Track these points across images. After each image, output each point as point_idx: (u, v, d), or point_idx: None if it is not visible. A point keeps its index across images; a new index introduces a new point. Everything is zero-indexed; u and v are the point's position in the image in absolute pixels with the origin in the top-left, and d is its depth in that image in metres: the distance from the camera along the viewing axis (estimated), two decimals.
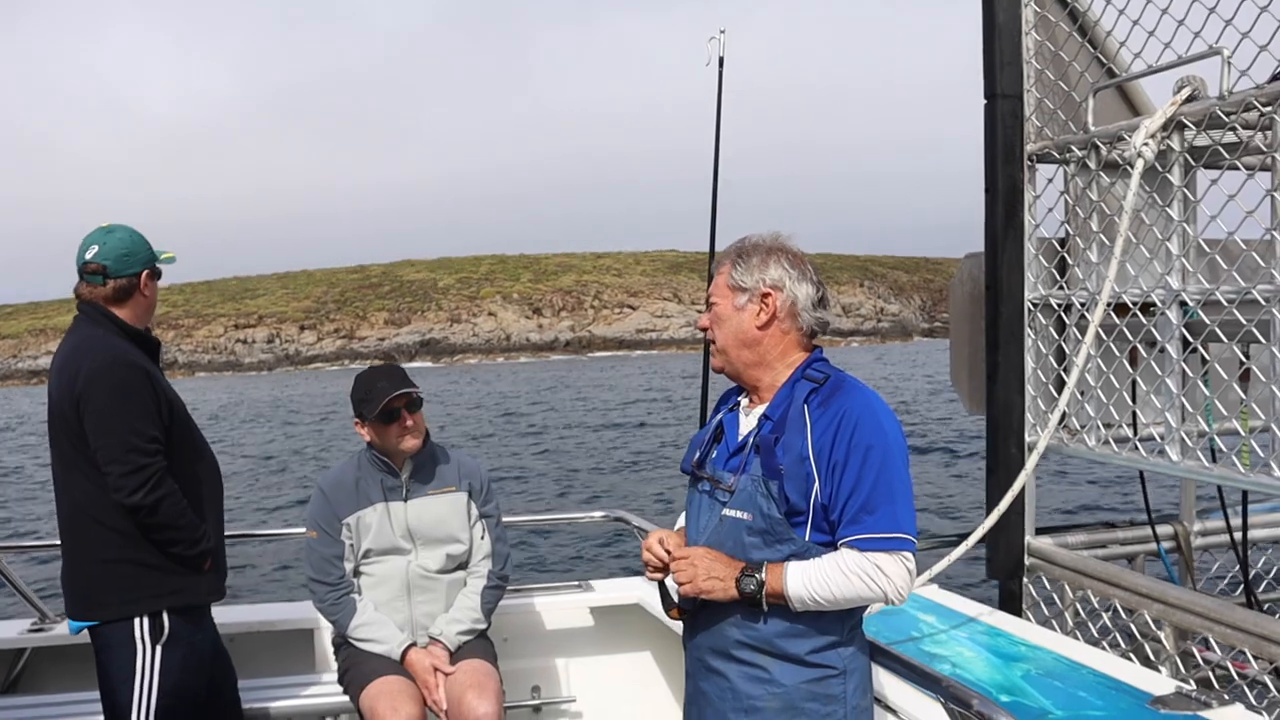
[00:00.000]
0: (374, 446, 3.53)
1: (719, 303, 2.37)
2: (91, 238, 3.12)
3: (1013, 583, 4.33)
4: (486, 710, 3.28)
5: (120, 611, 3.00)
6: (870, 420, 2.17)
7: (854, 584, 2.12)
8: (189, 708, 3.12)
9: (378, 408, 3.39)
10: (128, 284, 3.11)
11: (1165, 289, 3.64)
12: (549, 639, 4.33)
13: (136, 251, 3.13)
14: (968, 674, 3.14)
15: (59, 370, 3.04)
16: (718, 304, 2.38)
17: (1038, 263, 4.25)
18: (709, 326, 2.40)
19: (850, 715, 2.23)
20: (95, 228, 3.17)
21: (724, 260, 2.41)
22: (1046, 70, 4.20)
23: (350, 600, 3.48)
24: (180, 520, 3.01)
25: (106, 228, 3.15)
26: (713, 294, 2.40)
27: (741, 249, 2.38)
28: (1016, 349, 4.25)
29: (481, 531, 3.64)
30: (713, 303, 2.40)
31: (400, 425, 3.44)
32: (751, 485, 2.22)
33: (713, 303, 2.40)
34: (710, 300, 2.41)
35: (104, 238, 3.11)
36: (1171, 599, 3.71)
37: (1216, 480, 3.61)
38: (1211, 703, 2.81)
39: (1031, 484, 4.23)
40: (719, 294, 2.38)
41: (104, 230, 3.14)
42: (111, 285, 3.08)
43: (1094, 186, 4.03)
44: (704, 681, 2.33)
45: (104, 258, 3.07)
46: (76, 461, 3.00)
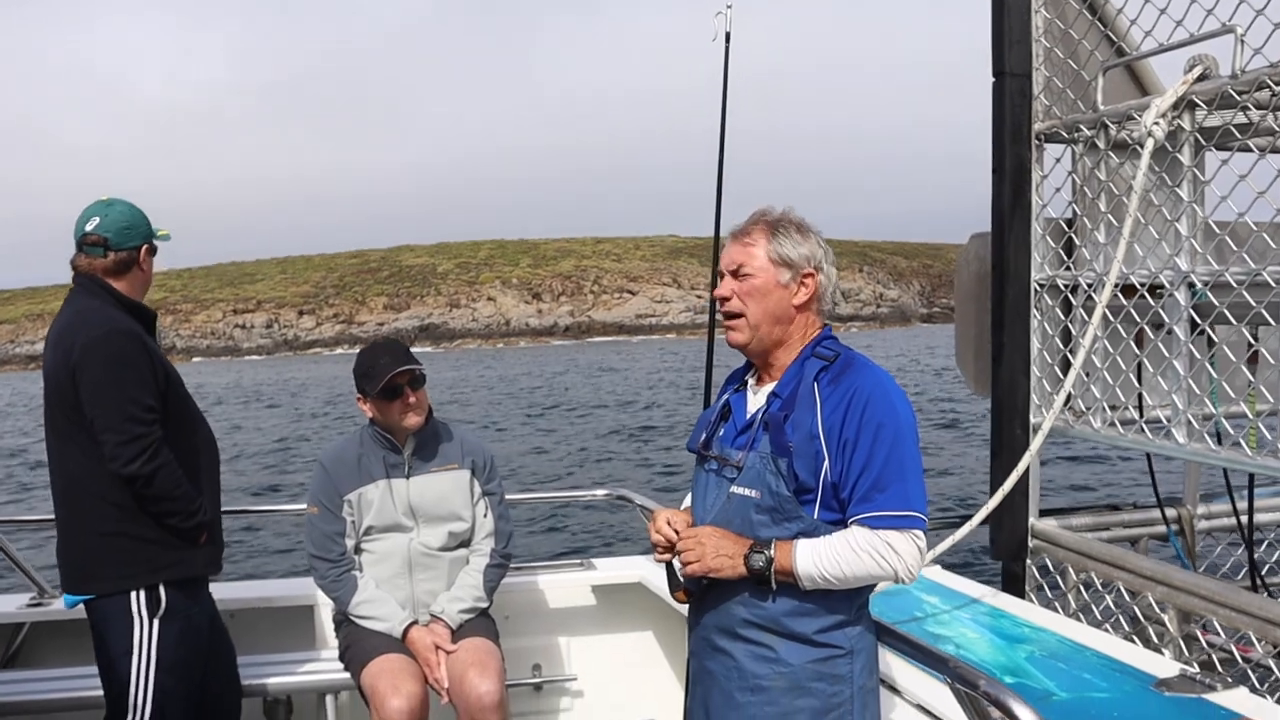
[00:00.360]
0: (376, 423, 3.51)
1: (758, 276, 2.25)
2: (92, 210, 3.12)
3: (1016, 564, 4.32)
4: (488, 689, 3.27)
5: (116, 585, 2.99)
6: (882, 398, 2.15)
7: (865, 562, 2.10)
8: (187, 682, 3.12)
9: (380, 384, 3.37)
10: (128, 257, 3.11)
11: (1173, 270, 3.61)
12: (551, 617, 4.32)
13: (137, 225, 3.14)
14: (971, 655, 3.13)
15: (55, 341, 3.03)
16: (756, 277, 2.25)
17: (1044, 243, 4.22)
18: (730, 297, 2.28)
19: (857, 695, 2.22)
20: (95, 201, 3.17)
21: (754, 229, 2.29)
22: (1055, 48, 4.15)
23: (351, 577, 3.46)
24: (176, 491, 3.00)
25: (106, 201, 3.15)
26: (745, 264, 2.27)
27: (776, 221, 2.29)
28: (1022, 330, 4.22)
29: (484, 509, 3.62)
30: (747, 274, 2.26)
31: (403, 402, 3.42)
32: (760, 462, 2.20)
33: (747, 274, 2.26)
34: (742, 271, 2.27)
35: (105, 210, 3.11)
36: (1176, 582, 3.70)
37: (1223, 463, 3.59)
38: (1216, 685, 2.80)
39: (1036, 465, 4.22)
40: (757, 266, 2.26)
41: (104, 203, 3.14)
42: (112, 257, 3.08)
43: (1102, 166, 4.00)
44: (709, 660, 2.31)
45: (105, 230, 3.07)
46: (72, 433, 2.99)
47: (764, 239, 2.27)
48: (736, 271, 2.28)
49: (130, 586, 3.00)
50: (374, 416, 3.50)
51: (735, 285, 2.28)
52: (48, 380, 3.03)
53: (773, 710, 2.20)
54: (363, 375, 3.44)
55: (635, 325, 79.80)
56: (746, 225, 2.31)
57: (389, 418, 3.45)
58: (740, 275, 2.28)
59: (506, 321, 79.95)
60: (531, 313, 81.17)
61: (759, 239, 2.27)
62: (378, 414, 3.47)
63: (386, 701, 3.19)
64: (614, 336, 77.13)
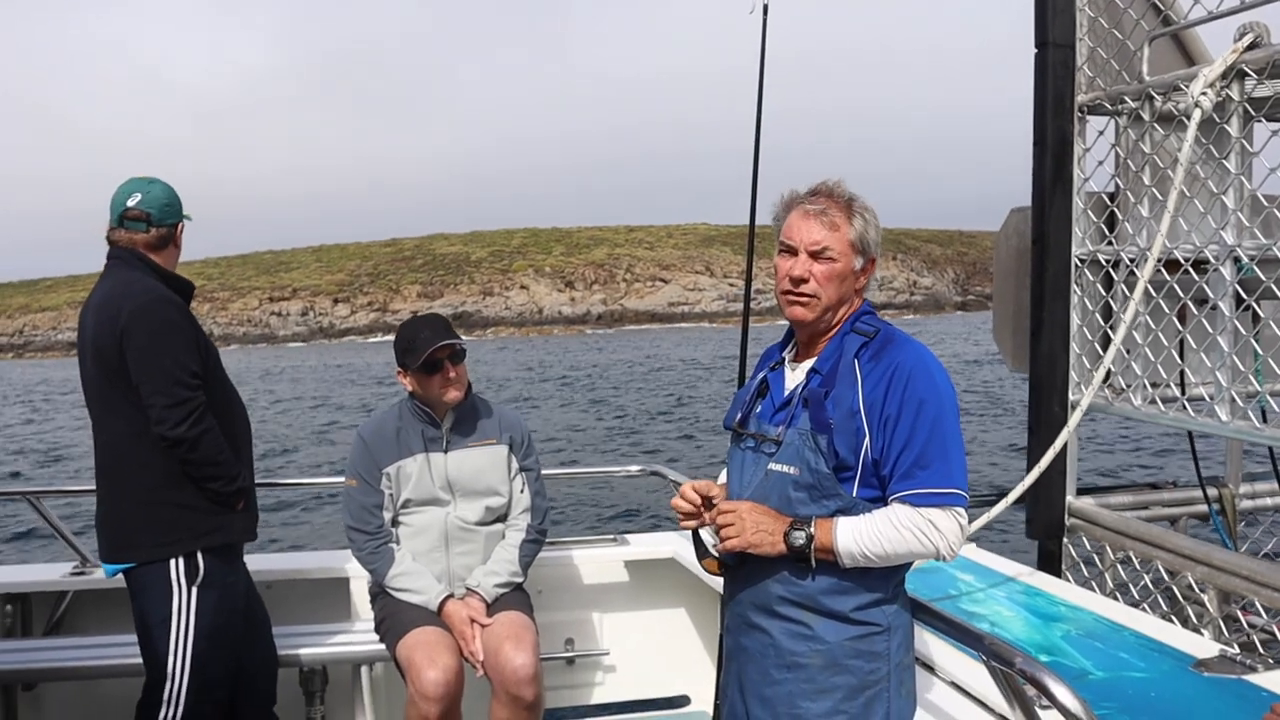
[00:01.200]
0: (416, 396, 3.53)
1: (840, 260, 2.20)
2: (132, 185, 3.20)
3: (1052, 543, 4.28)
4: (523, 662, 3.29)
5: (155, 553, 3.05)
6: (924, 374, 2.13)
7: (906, 539, 2.08)
8: (224, 649, 3.17)
9: (421, 358, 3.38)
10: (168, 233, 3.21)
11: (1219, 244, 3.53)
12: (584, 592, 4.34)
13: (175, 204, 3.24)
14: (1006, 633, 3.11)
15: (97, 308, 3.08)
16: (839, 261, 2.20)
17: (1086, 217, 4.15)
18: (808, 278, 2.21)
19: (893, 672, 2.21)
20: (132, 178, 3.24)
21: (833, 209, 2.22)
22: (1100, 18, 4.06)
23: (389, 549, 3.49)
24: (220, 456, 3.06)
25: (147, 179, 3.24)
26: (831, 246, 2.20)
27: (851, 201, 2.24)
28: (1062, 305, 4.16)
29: (521, 485, 3.64)
30: (831, 258, 2.20)
31: (443, 376, 3.44)
32: (799, 439, 2.18)
33: (831, 258, 2.20)
34: (826, 254, 2.20)
35: (147, 187, 3.20)
36: (1216, 561, 3.64)
37: (1267, 441, 3.53)
38: (1256, 666, 2.76)
39: (1074, 443, 4.16)
40: (841, 251, 2.21)
41: (145, 180, 3.23)
42: (154, 233, 3.17)
43: (1147, 139, 3.92)
44: (744, 637, 2.31)
45: (149, 205, 3.16)
46: (114, 401, 3.04)
47: (845, 220, 2.22)
48: (818, 253, 2.21)
49: (168, 554, 3.05)
50: (414, 390, 3.52)
51: (815, 267, 2.21)
52: (87, 349, 3.09)
53: (809, 687, 2.19)
54: (404, 350, 3.46)
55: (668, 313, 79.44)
56: (822, 202, 2.23)
57: (429, 392, 3.47)
58: (822, 257, 2.21)
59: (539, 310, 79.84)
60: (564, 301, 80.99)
61: (841, 219, 2.21)
62: (418, 388, 3.49)
63: (423, 674, 3.22)
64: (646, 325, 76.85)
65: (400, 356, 3.48)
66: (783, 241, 2.26)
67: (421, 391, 3.49)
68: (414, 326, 3.51)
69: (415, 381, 3.48)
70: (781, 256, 2.26)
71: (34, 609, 4.06)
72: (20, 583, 4.03)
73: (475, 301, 79.04)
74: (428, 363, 3.40)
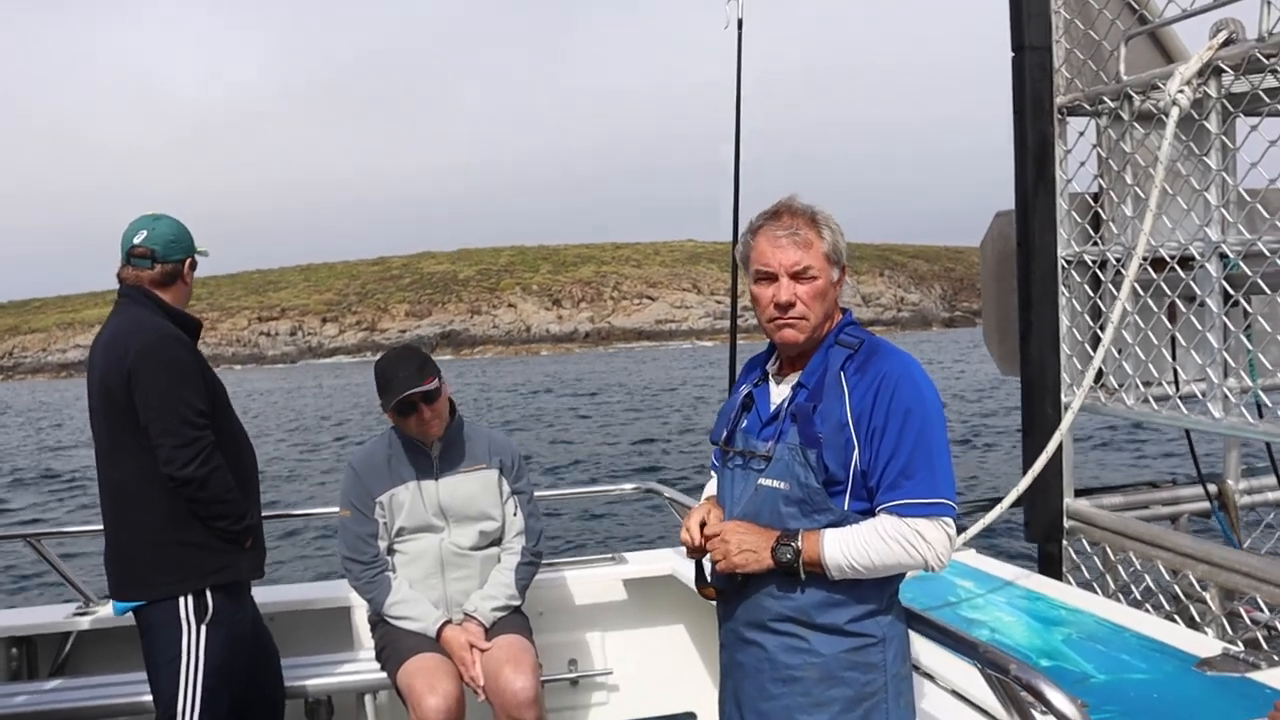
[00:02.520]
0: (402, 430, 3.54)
1: (820, 276, 2.20)
2: (139, 223, 3.23)
3: (1051, 545, 4.27)
4: (523, 685, 3.28)
5: (165, 591, 3.05)
6: (909, 384, 2.13)
7: (894, 550, 2.08)
8: (233, 685, 3.17)
9: (392, 401, 3.38)
10: (173, 269, 3.22)
11: (1204, 241, 3.54)
12: (584, 612, 4.33)
13: (181, 239, 3.26)
14: (1007, 639, 3.09)
15: (105, 347, 3.10)
16: (819, 278, 2.20)
17: (1070, 219, 4.15)
18: (795, 302, 2.19)
19: (890, 683, 2.20)
20: (141, 215, 3.28)
21: (804, 226, 2.21)
22: (1075, 19, 4.08)
23: (385, 578, 3.49)
24: (228, 495, 3.07)
25: (154, 215, 3.27)
26: (812, 265, 2.19)
27: (821, 215, 2.23)
28: (1050, 308, 4.17)
29: (514, 508, 3.63)
30: (813, 276, 2.19)
31: (418, 418, 3.43)
32: (789, 454, 2.17)
33: (813, 276, 2.19)
34: (807, 272, 2.19)
35: (153, 224, 3.23)
36: (1218, 559, 3.63)
37: (1262, 436, 3.52)
38: (1260, 664, 2.74)
39: (1069, 445, 4.16)
40: (819, 265, 2.20)
41: (152, 217, 3.26)
42: (159, 269, 3.19)
43: (1127, 138, 3.93)
44: (740, 653, 2.30)
45: (153, 242, 3.19)
46: (122, 439, 3.05)
47: (816, 236, 2.21)
48: (799, 273, 2.19)
49: (178, 592, 3.05)
50: (395, 425, 3.53)
51: (799, 289, 2.20)
52: (96, 387, 3.10)
53: (806, 700, 2.18)
54: (381, 389, 3.45)
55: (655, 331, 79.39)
56: (790, 221, 2.22)
57: (407, 431, 3.49)
58: (804, 277, 2.20)
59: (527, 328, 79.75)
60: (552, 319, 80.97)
61: (812, 236, 2.20)
62: (398, 423, 3.51)
63: (423, 700, 3.22)
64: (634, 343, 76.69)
65: (379, 393, 3.47)
66: (757, 270, 2.23)
67: (401, 426, 3.50)
68: (389, 365, 3.46)
69: (393, 418, 3.49)
70: (760, 285, 2.23)
71: (39, 651, 4.06)
72: (24, 625, 4.03)
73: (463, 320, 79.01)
74: (400, 407, 3.39)
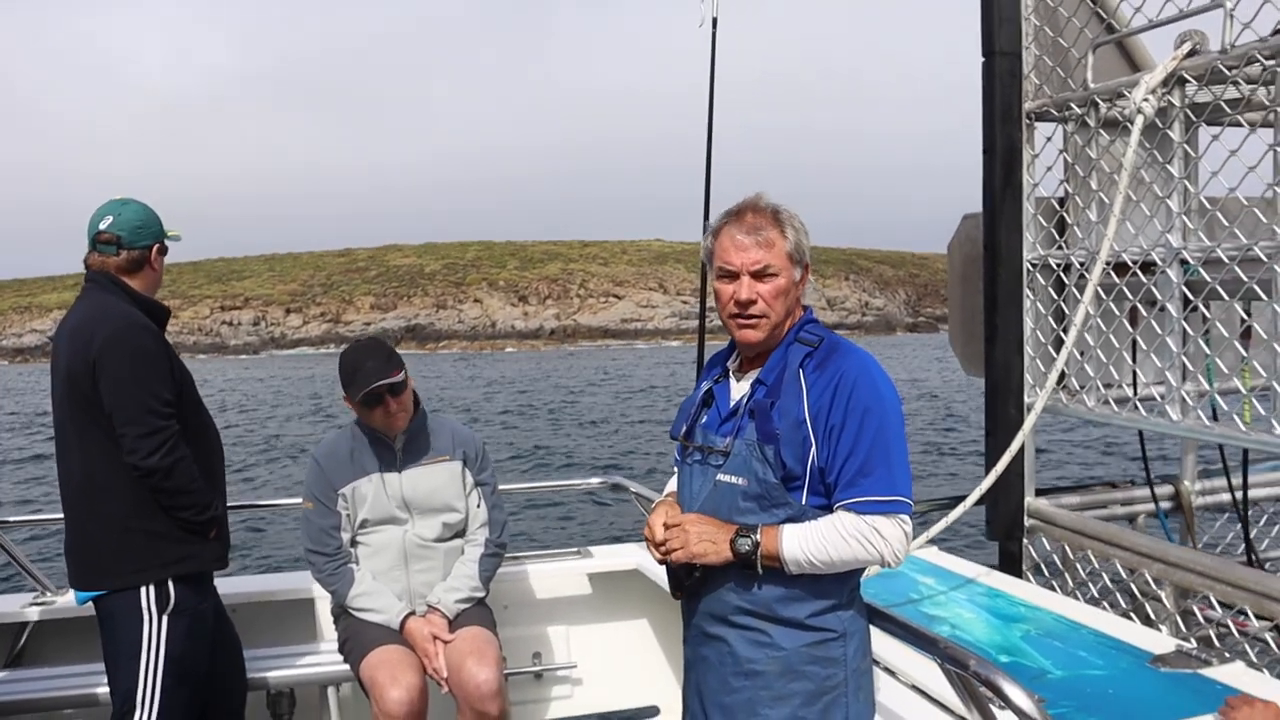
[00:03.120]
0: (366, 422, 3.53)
1: (782, 275, 2.20)
2: (106, 209, 3.17)
3: (1012, 544, 4.33)
4: (486, 677, 3.29)
5: (127, 580, 3.01)
6: (868, 382, 2.14)
7: (851, 547, 2.10)
8: (194, 676, 3.14)
9: (359, 394, 3.38)
10: (140, 255, 3.17)
11: (1165, 247, 3.60)
12: (549, 606, 4.33)
13: (149, 225, 3.20)
14: (967, 635, 3.13)
15: (70, 335, 3.05)
16: (780, 277, 2.19)
17: (1036, 223, 4.21)
18: (756, 300, 2.19)
19: (850, 678, 2.22)
20: (109, 199, 3.23)
21: (766, 225, 2.21)
22: (1045, 26, 4.14)
23: (348, 570, 3.47)
24: (192, 485, 3.04)
25: (121, 200, 3.21)
26: (772, 263, 2.19)
27: (785, 214, 2.23)
28: (1015, 310, 4.22)
29: (477, 500, 3.63)
30: (773, 274, 2.19)
31: (384, 410, 3.43)
32: (746, 450, 2.19)
33: (773, 274, 2.19)
34: (767, 271, 2.19)
35: (119, 209, 3.17)
36: (1172, 558, 3.70)
37: (1217, 439, 3.59)
38: (1212, 660, 2.80)
39: (1031, 445, 4.22)
40: (781, 264, 2.20)
41: (119, 202, 3.20)
42: (125, 255, 3.14)
43: (1093, 144, 3.99)
44: (703, 647, 2.32)
45: (119, 228, 3.13)
46: (86, 428, 3.01)
47: (779, 235, 2.21)
48: (760, 272, 2.20)
49: (140, 582, 3.02)
50: (359, 417, 3.52)
51: (760, 287, 2.20)
52: (60, 375, 3.05)
53: (767, 694, 2.20)
54: (346, 380, 3.44)
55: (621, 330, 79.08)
56: (753, 220, 2.22)
57: (372, 423, 3.48)
58: (765, 275, 2.21)
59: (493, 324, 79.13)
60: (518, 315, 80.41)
61: (774, 235, 2.20)
62: (362, 415, 3.50)
63: (386, 693, 3.21)
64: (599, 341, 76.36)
65: (343, 384, 3.46)
66: (720, 267, 2.24)
67: (365, 419, 3.49)
68: (356, 356, 3.46)
69: (359, 410, 3.48)
70: (721, 282, 2.24)
71: None
72: None
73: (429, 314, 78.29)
74: (366, 399, 3.39)
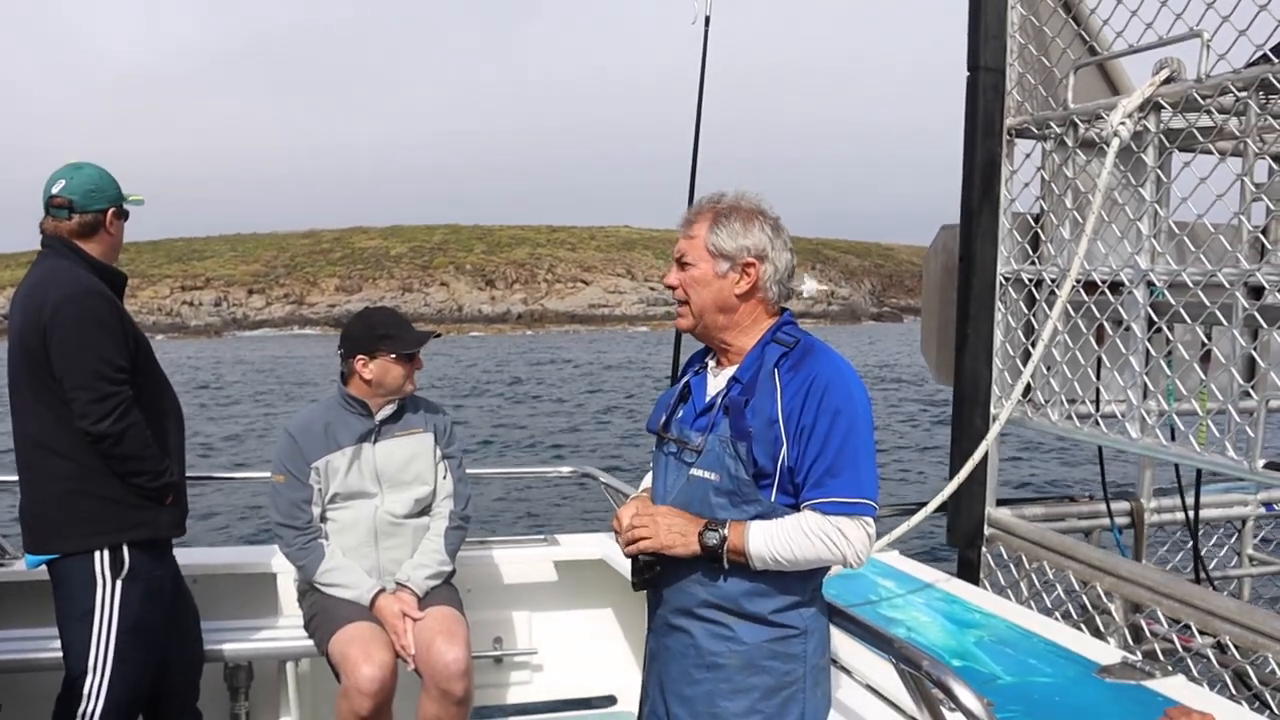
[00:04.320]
0: (351, 391, 3.54)
1: (697, 266, 2.30)
2: (59, 173, 3.14)
3: (971, 551, 4.40)
4: (456, 656, 3.32)
5: (80, 544, 3.01)
6: (840, 385, 2.20)
7: (815, 545, 2.15)
8: (148, 644, 3.14)
9: (411, 346, 3.49)
10: (93, 219, 3.13)
11: (1134, 268, 3.68)
12: (513, 591, 4.36)
13: (104, 188, 3.15)
14: (922, 638, 3.20)
15: (23, 299, 3.03)
16: (695, 268, 2.30)
17: (1011, 237, 4.28)
18: (677, 286, 2.34)
19: (809, 674, 2.28)
20: (64, 164, 3.18)
21: (699, 219, 2.32)
22: (1030, 45, 4.20)
23: (319, 545, 3.48)
24: (145, 451, 3.02)
25: (75, 164, 3.17)
26: (687, 253, 2.32)
27: (720, 209, 2.31)
28: (986, 322, 4.29)
29: (444, 471, 3.66)
30: (687, 264, 2.31)
31: (412, 368, 3.54)
32: (719, 446, 2.24)
33: (687, 264, 2.31)
34: (684, 260, 2.33)
35: (72, 173, 3.13)
36: (1123, 573, 3.79)
37: (1173, 458, 3.68)
38: (1155, 673, 2.88)
39: (994, 455, 4.29)
40: (696, 256, 2.30)
41: (72, 166, 3.16)
42: (77, 220, 3.10)
43: (1070, 164, 4.06)
44: (666, 638, 2.36)
45: (71, 192, 3.09)
46: (39, 392, 2.99)
47: (705, 229, 2.30)
48: (680, 260, 2.34)
49: (93, 546, 3.01)
50: (370, 378, 3.50)
51: (681, 274, 2.33)
52: (13, 339, 3.03)
53: (727, 687, 2.26)
54: (383, 336, 3.47)
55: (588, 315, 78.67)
56: (692, 214, 2.36)
57: (392, 379, 3.51)
58: (684, 264, 2.33)
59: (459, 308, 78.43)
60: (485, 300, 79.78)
61: (700, 229, 2.31)
62: (377, 376, 3.49)
63: (359, 669, 3.22)
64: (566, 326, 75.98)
65: (375, 343, 3.47)
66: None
67: (383, 380, 3.49)
68: (387, 317, 3.58)
69: (380, 369, 3.48)
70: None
71: None
72: None
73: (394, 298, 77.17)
74: (409, 353, 3.50)
